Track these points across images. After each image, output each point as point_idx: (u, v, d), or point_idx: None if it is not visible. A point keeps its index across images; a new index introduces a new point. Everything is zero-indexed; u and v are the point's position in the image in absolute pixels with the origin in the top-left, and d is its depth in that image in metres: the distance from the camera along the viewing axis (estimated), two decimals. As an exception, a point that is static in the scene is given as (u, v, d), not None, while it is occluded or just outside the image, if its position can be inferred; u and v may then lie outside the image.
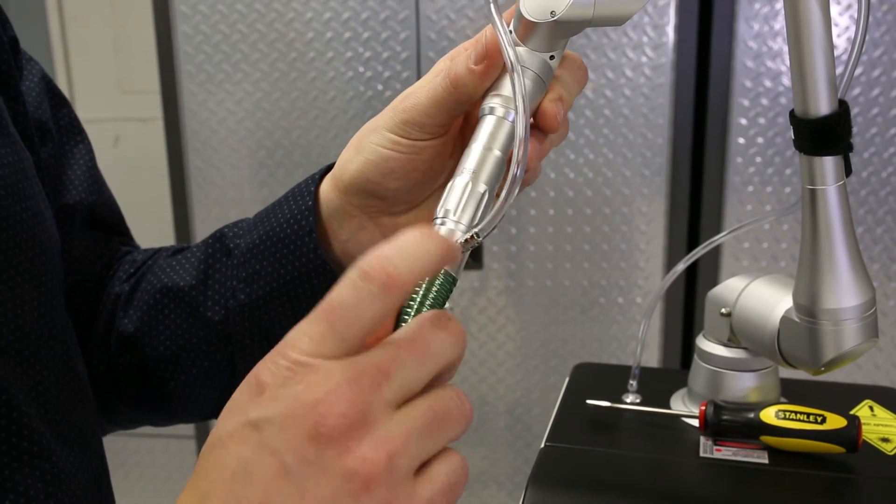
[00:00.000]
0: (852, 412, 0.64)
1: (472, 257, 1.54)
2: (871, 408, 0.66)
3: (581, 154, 1.49)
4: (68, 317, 0.56)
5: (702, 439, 0.61)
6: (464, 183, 0.44)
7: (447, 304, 0.41)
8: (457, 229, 0.43)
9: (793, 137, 0.49)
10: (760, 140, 1.43)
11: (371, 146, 0.51)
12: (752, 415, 0.59)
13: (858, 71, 1.37)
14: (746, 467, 0.58)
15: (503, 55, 0.44)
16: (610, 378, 0.71)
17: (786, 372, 0.62)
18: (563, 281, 1.55)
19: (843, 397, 0.67)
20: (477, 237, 0.42)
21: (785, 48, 1.36)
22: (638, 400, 0.68)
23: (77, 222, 0.62)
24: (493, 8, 0.45)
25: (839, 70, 0.47)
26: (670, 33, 1.41)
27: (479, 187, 0.44)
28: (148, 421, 0.67)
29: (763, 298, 0.60)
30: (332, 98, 1.54)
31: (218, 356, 0.59)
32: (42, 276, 0.50)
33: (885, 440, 0.61)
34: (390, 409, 0.34)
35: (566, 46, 0.48)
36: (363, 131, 0.52)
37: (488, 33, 0.46)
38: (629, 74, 1.44)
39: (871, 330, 0.53)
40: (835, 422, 0.58)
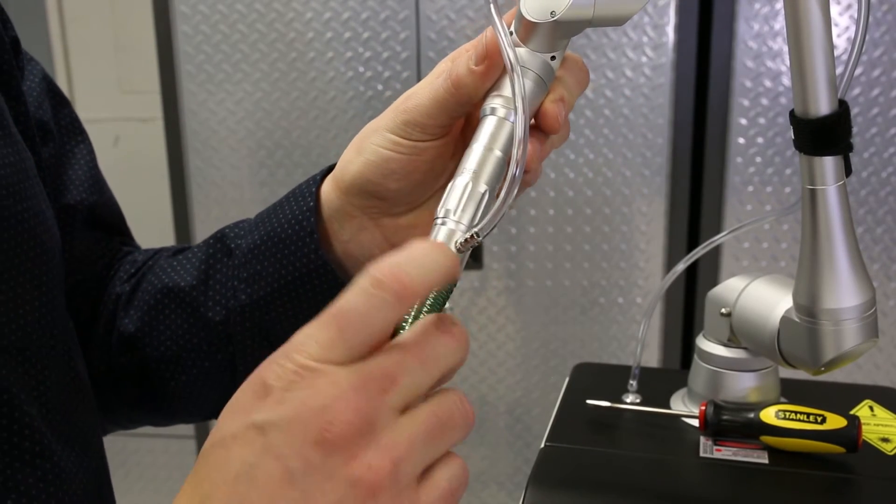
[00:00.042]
0: (852, 412, 0.64)
1: (472, 257, 1.53)
2: (871, 408, 0.66)
3: (581, 154, 1.49)
4: (69, 317, 0.56)
5: (702, 439, 0.61)
6: (464, 183, 0.44)
7: (447, 305, 0.41)
8: (457, 229, 0.43)
9: (793, 137, 0.49)
10: (760, 140, 1.43)
11: (372, 147, 0.51)
12: (752, 415, 0.59)
13: (858, 71, 1.37)
14: (746, 467, 0.58)
15: (503, 55, 0.44)
16: (610, 378, 0.71)
17: (786, 372, 0.62)
18: (563, 281, 1.55)
19: (843, 397, 0.67)
20: (477, 237, 0.42)
21: (785, 48, 1.36)
22: (638, 400, 0.68)
23: (78, 222, 0.62)
24: (493, 8, 0.45)
25: (839, 70, 0.47)
26: (670, 33, 1.41)
27: (480, 187, 0.44)
28: (148, 421, 0.67)
29: (763, 298, 0.60)
30: (332, 98, 1.54)
31: (218, 356, 0.59)
32: (43, 276, 0.50)
33: (885, 440, 0.61)
34: (395, 415, 0.34)
35: (567, 47, 0.48)
36: (364, 132, 0.52)
37: (489, 34, 0.46)
38: (629, 74, 1.44)
39: (871, 330, 0.53)
40: (835, 422, 0.58)
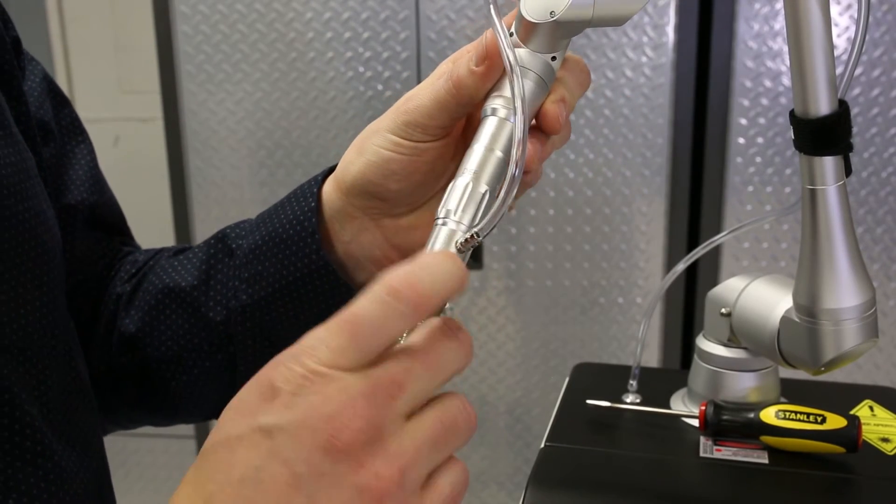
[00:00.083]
0: (852, 412, 0.64)
1: (473, 257, 1.53)
2: (871, 408, 0.66)
3: (581, 154, 1.49)
4: (70, 317, 0.56)
5: (702, 439, 0.61)
6: (465, 183, 0.44)
7: (447, 305, 0.41)
8: (458, 230, 0.43)
9: (793, 137, 0.49)
10: (760, 140, 1.43)
11: (373, 147, 0.51)
12: (752, 415, 0.59)
13: (858, 71, 1.37)
14: (746, 467, 0.58)
15: (501, 56, 0.44)
16: (610, 378, 0.71)
17: (786, 372, 0.62)
18: (563, 281, 1.55)
19: (843, 397, 0.67)
20: (477, 237, 0.42)
21: (785, 48, 1.36)
22: (638, 400, 0.68)
23: (79, 222, 0.62)
24: (493, 9, 0.45)
25: (839, 70, 0.47)
26: (670, 33, 1.41)
27: (481, 188, 0.44)
28: (149, 421, 0.67)
29: (763, 298, 0.60)
30: (332, 98, 1.54)
31: (219, 356, 0.59)
32: (45, 276, 0.50)
33: (885, 440, 0.61)
34: (402, 422, 0.34)
35: (568, 48, 0.48)
36: (365, 133, 0.52)
37: (489, 35, 0.46)
38: (629, 74, 1.44)
39: (871, 330, 0.53)
40: (835, 422, 0.58)
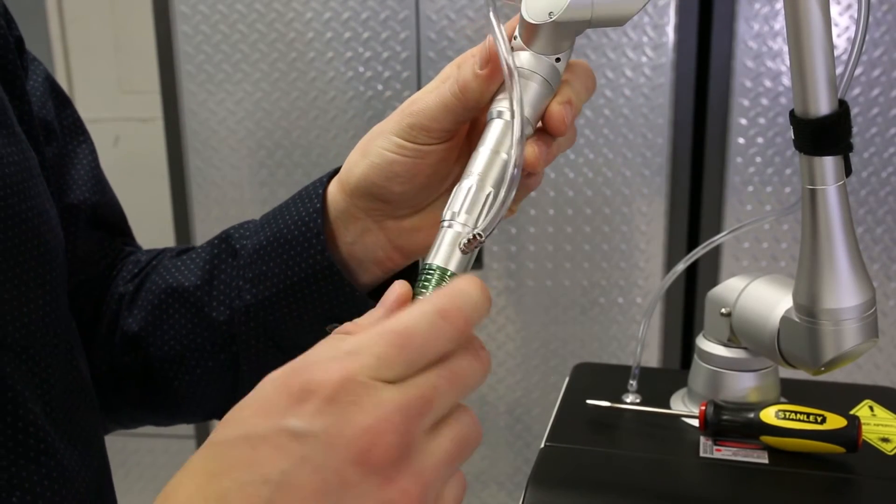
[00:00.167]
0: (852, 412, 0.64)
1: (473, 257, 1.53)
2: (871, 408, 0.66)
3: (581, 154, 1.49)
4: (72, 316, 0.56)
5: (702, 439, 0.62)
6: (469, 186, 0.44)
7: None
8: (463, 232, 0.43)
9: (793, 137, 0.49)
10: (760, 140, 1.43)
11: (377, 150, 0.51)
12: (752, 415, 0.59)
13: (858, 71, 1.37)
14: (746, 467, 0.58)
15: (500, 58, 0.45)
16: (610, 378, 0.71)
17: (786, 372, 0.62)
18: (563, 281, 1.55)
19: (843, 397, 0.67)
20: (479, 237, 0.42)
21: (785, 48, 1.37)
22: (638, 400, 0.68)
23: (81, 222, 0.62)
24: (492, 11, 0.45)
25: (839, 70, 0.47)
26: (670, 33, 1.41)
27: (485, 190, 0.44)
28: (151, 420, 0.67)
29: (763, 298, 0.60)
30: (332, 98, 1.54)
31: (222, 356, 0.59)
32: (47, 275, 0.50)
33: (885, 440, 0.61)
34: (427, 439, 0.35)
35: (572, 50, 0.48)
36: (370, 135, 0.53)
37: (492, 38, 0.46)
38: (629, 74, 1.44)
39: (871, 330, 0.53)
40: (835, 422, 0.58)
